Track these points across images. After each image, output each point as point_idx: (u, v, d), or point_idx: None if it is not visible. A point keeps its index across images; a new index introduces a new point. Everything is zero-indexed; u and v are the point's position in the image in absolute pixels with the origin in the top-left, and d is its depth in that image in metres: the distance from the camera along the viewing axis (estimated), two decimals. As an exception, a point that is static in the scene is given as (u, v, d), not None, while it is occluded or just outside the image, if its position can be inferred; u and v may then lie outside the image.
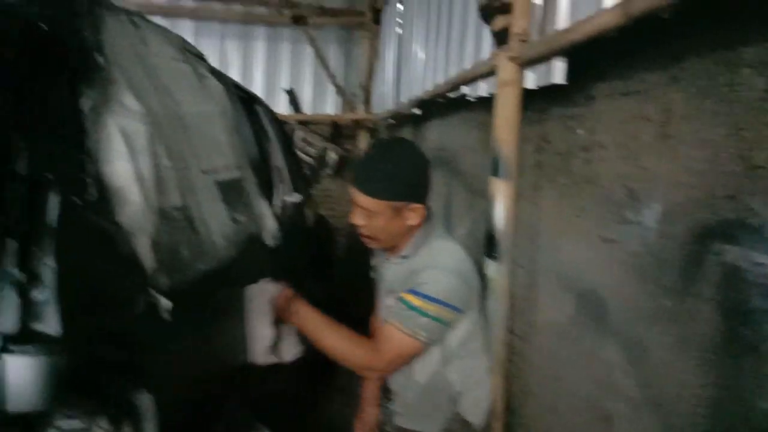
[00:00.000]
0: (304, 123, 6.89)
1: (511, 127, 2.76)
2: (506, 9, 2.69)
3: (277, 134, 3.45)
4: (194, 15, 6.73)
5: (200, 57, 2.11)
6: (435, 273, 1.60)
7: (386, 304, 1.75)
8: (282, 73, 7.25)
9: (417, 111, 4.88)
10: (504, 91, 2.75)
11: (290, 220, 2.94)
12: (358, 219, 1.66)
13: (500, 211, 2.80)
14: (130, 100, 1.29)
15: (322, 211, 5.16)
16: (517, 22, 2.61)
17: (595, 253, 2.27)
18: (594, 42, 2.03)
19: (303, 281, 3.03)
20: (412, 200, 1.65)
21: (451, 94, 3.99)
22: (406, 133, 5.63)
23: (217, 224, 1.63)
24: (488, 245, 2.75)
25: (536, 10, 2.62)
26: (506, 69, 2.68)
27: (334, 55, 7.19)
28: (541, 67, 2.62)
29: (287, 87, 7.08)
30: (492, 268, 2.75)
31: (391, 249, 1.75)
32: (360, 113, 6.93)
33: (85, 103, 1.17)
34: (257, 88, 7.05)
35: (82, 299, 1.08)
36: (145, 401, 1.11)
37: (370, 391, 2.06)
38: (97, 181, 1.16)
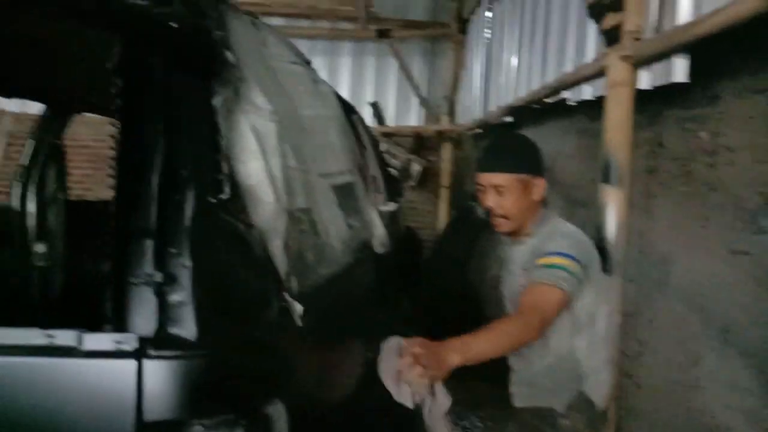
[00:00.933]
0: (388, 135, 6.88)
1: (624, 130, 2.59)
2: (618, 6, 2.55)
3: (372, 144, 3.42)
4: (282, 33, 6.88)
5: (308, 63, 2.10)
6: (561, 237, 1.79)
7: (520, 283, 1.84)
8: (367, 87, 7.29)
9: (508, 119, 4.74)
10: (615, 93, 2.59)
11: (389, 230, 2.88)
12: (490, 201, 1.85)
13: (612, 221, 2.61)
14: (260, 99, 1.26)
15: (407, 223, 5.10)
16: (630, 19, 2.47)
17: (722, 267, 2.08)
18: (719, 36, 1.87)
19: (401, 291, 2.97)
20: (536, 173, 1.87)
21: (549, 99, 3.85)
22: (495, 142, 5.49)
23: (335, 229, 1.58)
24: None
25: (651, 6, 2.47)
26: (618, 69, 2.53)
27: (418, 66, 7.15)
28: (658, 66, 2.46)
29: (372, 100, 7.10)
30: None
31: (517, 230, 1.91)
32: (444, 124, 6.84)
33: (218, 102, 1.14)
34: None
35: (218, 302, 1.04)
36: (279, 412, 1.06)
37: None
38: (231, 181, 1.13)
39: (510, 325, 1.67)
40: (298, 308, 1.13)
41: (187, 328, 0.97)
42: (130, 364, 0.92)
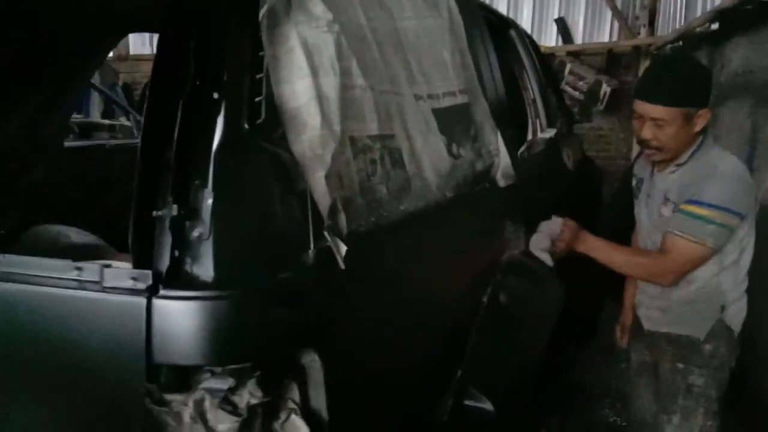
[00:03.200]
0: (575, 54, 6.21)
1: None
2: None
3: (533, 64, 3.05)
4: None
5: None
6: (717, 181, 1.68)
7: (662, 214, 1.81)
8: (553, 2, 6.62)
9: (714, 26, 3.95)
10: None
11: (540, 158, 2.57)
12: (647, 133, 1.73)
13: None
14: (318, 8, 1.09)
15: (592, 152, 4.59)
16: None
17: None
18: None
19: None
20: (702, 105, 1.71)
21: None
22: (700, 55, 4.65)
23: (430, 158, 1.38)
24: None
25: None
26: None
27: (613, -27, 6.28)
28: None
29: (557, 16, 6.45)
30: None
31: (671, 159, 1.79)
32: (641, 38, 5.97)
33: (263, 12, 1.00)
34: (526, 19, 6.57)
35: (242, 240, 0.93)
36: (314, 362, 0.94)
37: (629, 296, 2.17)
38: (271, 103, 0.99)
39: (647, 263, 1.83)
40: (342, 249, 0.98)
41: (204, 267, 0.89)
42: (141, 302, 0.87)
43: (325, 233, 0.98)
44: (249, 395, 0.87)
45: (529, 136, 2.75)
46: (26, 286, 0.93)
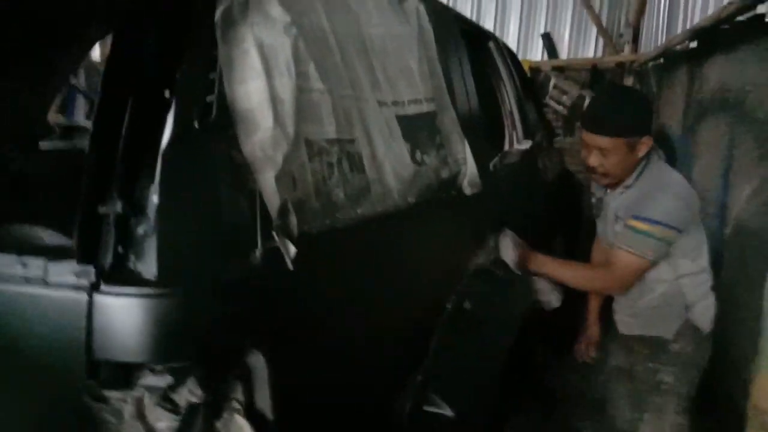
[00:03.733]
0: (560, 69, 6.27)
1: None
2: None
3: (511, 77, 3.08)
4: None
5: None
6: (658, 198, 1.80)
7: (615, 230, 1.94)
8: (539, 17, 6.70)
9: (692, 45, 4.00)
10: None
11: (514, 169, 2.60)
12: (593, 161, 1.87)
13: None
14: (276, 10, 1.10)
15: (574, 166, 4.63)
16: None
17: None
18: None
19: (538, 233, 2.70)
20: (644, 134, 1.84)
21: (742, 17, 3.15)
22: (679, 73, 4.70)
23: (392, 164, 1.38)
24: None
25: None
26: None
27: (597, -9, 6.38)
28: None
29: (543, 31, 6.52)
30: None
31: (617, 182, 1.93)
32: (625, 55, 6.05)
33: (219, 13, 1.01)
34: (512, 34, 6.63)
35: (188, 238, 0.93)
36: (259, 362, 0.94)
37: (593, 308, 2.35)
38: (223, 103, 1.00)
39: (594, 276, 2.01)
40: (291, 249, 0.98)
41: (148, 264, 0.89)
42: (83, 298, 0.86)
43: (274, 233, 0.98)
44: (188, 394, 0.87)
45: (506, 147, 2.78)
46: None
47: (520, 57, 6.51)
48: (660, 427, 1.95)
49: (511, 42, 6.75)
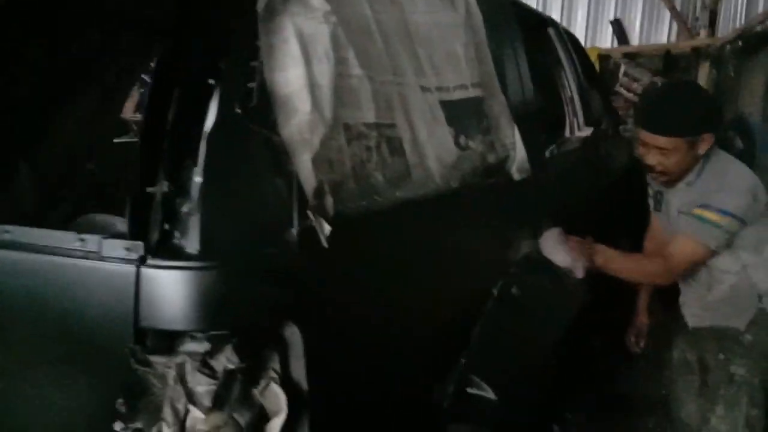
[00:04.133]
0: (630, 55, 6.05)
1: None
2: None
3: (573, 64, 3.01)
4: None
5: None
6: (726, 190, 1.77)
7: (678, 223, 1.90)
8: (609, 3, 6.49)
9: (773, 25, 3.78)
10: None
11: (573, 156, 2.55)
12: (652, 159, 1.83)
13: None
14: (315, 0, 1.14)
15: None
16: None
17: None
18: None
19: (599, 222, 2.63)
20: (705, 131, 1.78)
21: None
22: (761, 56, 4.45)
23: (434, 148, 1.40)
24: None
25: None
26: None
27: (672, -27, 6.09)
28: None
29: (613, 17, 6.30)
30: None
31: (677, 179, 1.89)
32: (701, 39, 5.76)
33: (262, 4, 1.06)
34: (580, 21, 6.46)
35: (229, 217, 0.99)
36: (294, 335, 0.99)
37: (643, 299, 2.34)
38: (264, 89, 1.05)
39: (648, 265, 1.96)
40: (325, 229, 1.02)
41: (191, 240, 0.95)
42: (132, 270, 0.94)
43: (309, 213, 1.02)
44: (226, 361, 0.92)
45: (566, 134, 2.73)
46: (36, 255, 1.01)
47: (588, 44, 6.35)
48: (734, 420, 1.88)
49: (579, 29, 6.56)
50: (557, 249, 1.91)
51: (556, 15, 6.67)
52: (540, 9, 6.66)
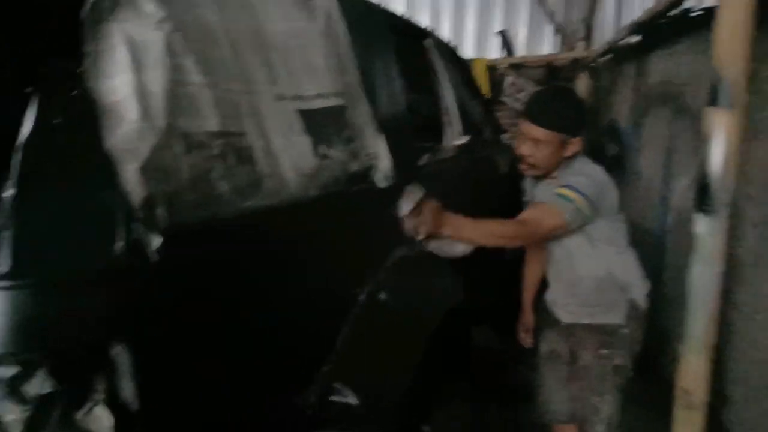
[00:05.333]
0: (516, 66, 6.34)
1: (738, 38, 2.05)
2: None
3: (450, 72, 3.11)
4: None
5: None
6: (578, 175, 1.96)
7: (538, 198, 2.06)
8: (495, 15, 6.77)
9: (635, 39, 4.08)
10: (731, -7, 2.05)
11: (449, 164, 2.62)
12: (525, 149, 2.02)
13: (718, 152, 2.12)
14: (148, 6, 1.10)
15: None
16: None
17: None
18: None
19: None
20: (575, 134, 2.00)
21: (674, 12, 3.23)
22: (627, 68, 4.79)
23: (290, 157, 1.40)
24: (700, 195, 2.12)
25: None
26: (733, -37, 1.99)
27: (552, -13, 6.46)
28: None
29: (500, 29, 6.59)
30: (702, 224, 2.11)
31: (543, 176, 2.08)
32: (578, 51, 6.14)
33: (87, 8, 1.01)
34: (469, 32, 6.69)
35: (47, 232, 0.94)
36: (121, 354, 0.94)
37: (527, 297, 2.51)
38: (89, 98, 1.00)
39: (502, 227, 1.96)
40: (154, 241, 0.99)
41: (3, 256, 0.89)
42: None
43: (137, 226, 0.99)
44: (40, 385, 0.87)
45: (444, 142, 2.81)
46: None
47: (477, 55, 6.60)
48: (616, 402, 2.09)
49: (469, 40, 6.82)
50: (407, 212, 1.84)
51: (447, 27, 6.91)
52: (431, 21, 6.87)
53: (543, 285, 2.41)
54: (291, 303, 1.38)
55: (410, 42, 2.77)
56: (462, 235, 1.91)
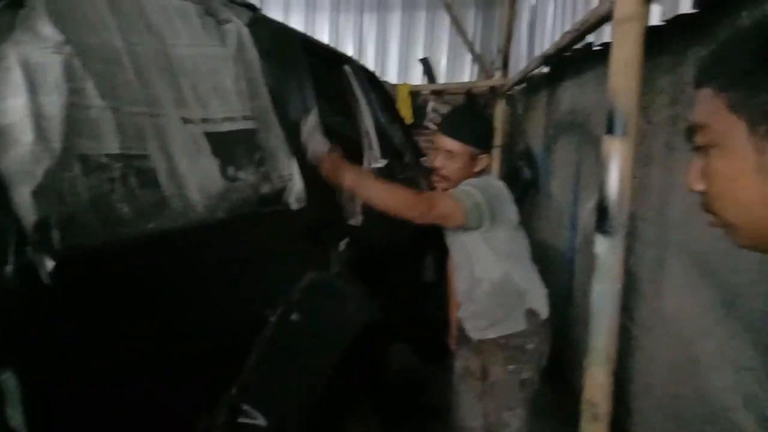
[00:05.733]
0: (437, 93, 6.54)
1: (631, 72, 2.21)
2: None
3: (369, 97, 3.19)
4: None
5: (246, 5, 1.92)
6: (479, 181, 2.08)
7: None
8: (418, 43, 6.98)
9: (545, 69, 4.32)
10: (622, 30, 2.21)
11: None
12: (439, 161, 2.14)
13: (615, 177, 2.27)
14: (47, 29, 1.10)
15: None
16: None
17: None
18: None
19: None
20: (485, 149, 2.17)
21: (578, 45, 3.45)
22: (539, 97, 5.06)
23: (196, 179, 1.41)
24: (599, 217, 2.26)
25: None
26: (625, 3, 2.16)
27: (472, 20, 6.74)
28: (667, -3, 2.09)
29: (423, 57, 6.79)
30: (602, 244, 2.25)
31: (453, 188, 2.11)
32: (496, 80, 6.41)
33: (-22, 31, 1.01)
34: (392, 59, 6.85)
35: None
36: (10, 381, 0.92)
37: (453, 312, 2.51)
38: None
39: (400, 191, 2.01)
40: (48, 265, 0.98)
41: None
42: None
43: (28, 249, 0.97)
44: None
45: (363, 166, 2.87)
46: None
47: (400, 81, 6.78)
48: (525, 414, 2.17)
49: (393, 66, 6.99)
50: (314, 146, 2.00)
51: (371, 53, 7.06)
52: (356, 47, 7.01)
53: None
54: (198, 325, 1.38)
55: (329, 67, 2.83)
56: (360, 189, 1.98)
